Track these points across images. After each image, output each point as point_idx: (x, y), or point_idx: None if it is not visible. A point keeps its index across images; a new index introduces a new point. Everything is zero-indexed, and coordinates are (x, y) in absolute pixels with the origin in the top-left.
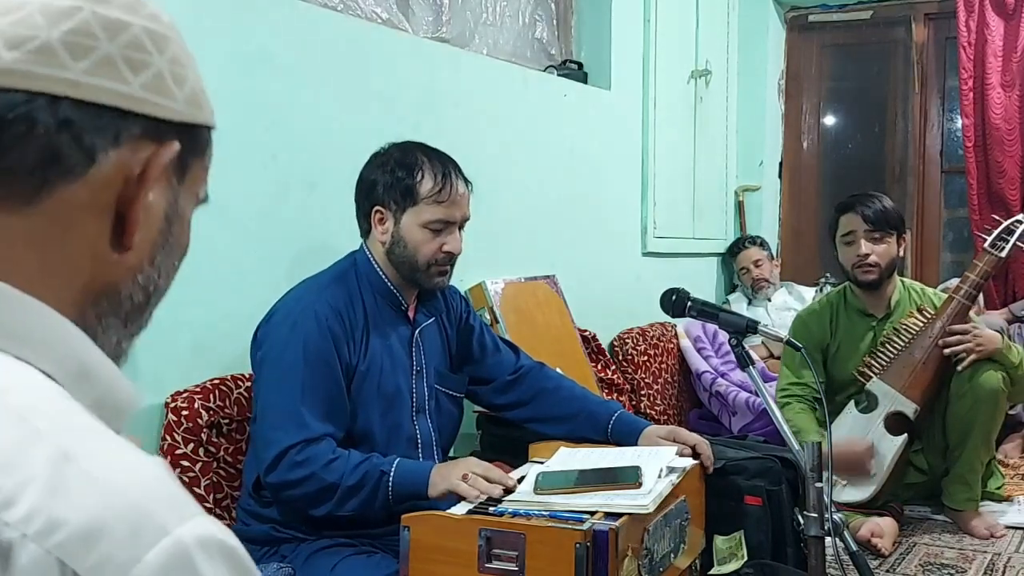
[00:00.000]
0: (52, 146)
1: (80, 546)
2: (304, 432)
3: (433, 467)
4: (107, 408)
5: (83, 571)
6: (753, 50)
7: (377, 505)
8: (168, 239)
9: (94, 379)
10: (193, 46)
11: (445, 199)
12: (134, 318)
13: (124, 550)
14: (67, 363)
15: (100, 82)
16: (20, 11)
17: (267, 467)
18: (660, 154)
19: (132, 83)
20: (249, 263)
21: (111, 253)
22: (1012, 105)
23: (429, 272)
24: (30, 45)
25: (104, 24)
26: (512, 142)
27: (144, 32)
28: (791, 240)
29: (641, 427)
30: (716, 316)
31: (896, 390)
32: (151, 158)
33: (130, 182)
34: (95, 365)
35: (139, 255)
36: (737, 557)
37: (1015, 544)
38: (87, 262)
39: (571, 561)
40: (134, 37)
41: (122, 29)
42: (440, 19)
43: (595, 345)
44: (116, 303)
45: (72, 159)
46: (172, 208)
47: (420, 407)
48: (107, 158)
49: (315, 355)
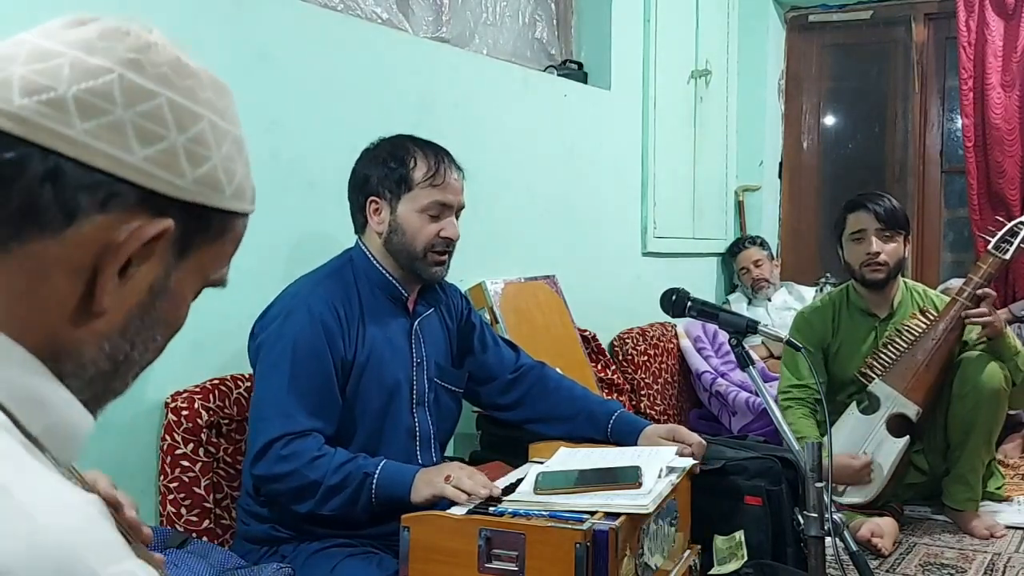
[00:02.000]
0: (32, 198)
1: None
2: (290, 425)
3: (417, 472)
4: (58, 437)
5: None
6: (753, 50)
7: (359, 507)
8: (149, 312)
9: (46, 406)
10: (193, 46)
11: (440, 182)
12: (99, 384)
13: None
14: (16, 389)
15: (99, 146)
16: (51, 61)
17: (253, 458)
18: (660, 154)
19: (136, 153)
20: (249, 263)
21: (79, 314)
22: (1012, 105)
23: (427, 259)
24: (43, 96)
25: (128, 90)
26: (512, 142)
27: (169, 106)
28: (791, 240)
29: (641, 427)
30: (716, 316)
31: (898, 392)
32: (136, 230)
33: (110, 247)
34: (47, 392)
35: (109, 323)
36: (737, 557)
37: (1015, 544)
38: (52, 316)
39: (571, 561)
40: (155, 109)
41: (146, 99)
42: (440, 19)
43: (595, 345)
44: (79, 367)
45: (49, 215)
46: (160, 283)
47: (420, 399)
48: (89, 220)
49: (305, 349)
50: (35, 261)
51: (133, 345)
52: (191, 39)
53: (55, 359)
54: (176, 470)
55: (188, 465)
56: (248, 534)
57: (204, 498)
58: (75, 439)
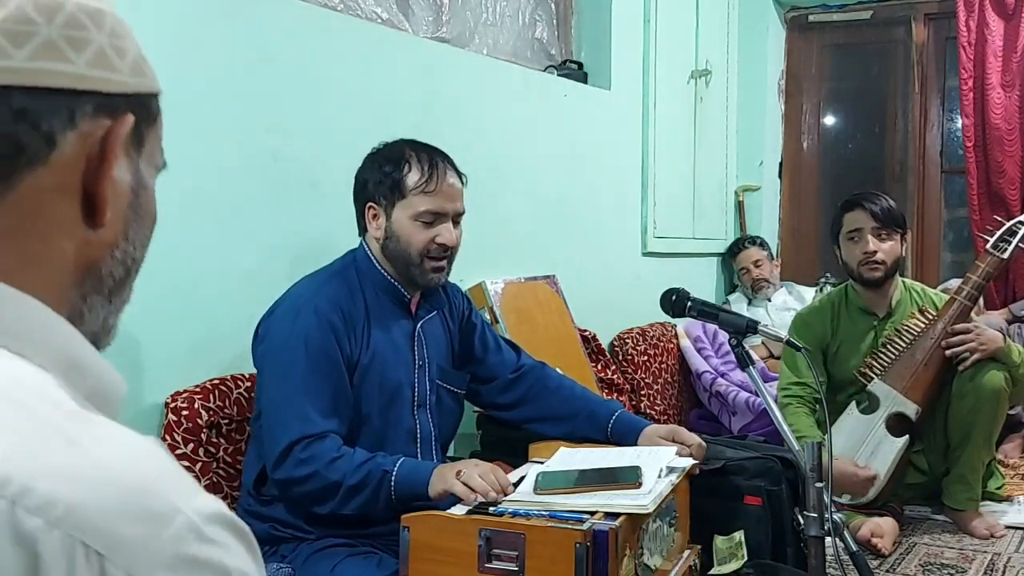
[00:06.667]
0: (12, 136)
1: (99, 527)
2: (308, 427)
3: (435, 467)
4: (99, 397)
5: (105, 550)
6: (753, 50)
7: (380, 505)
8: (138, 211)
9: (85, 371)
10: (193, 46)
11: (433, 190)
12: (117, 292)
13: (141, 529)
14: (59, 356)
15: (45, 65)
16: None
17: (273, 463)
18: (660, 154)
19: (76, 62)
20: (249, 263)
21: (87, 232)
22: (1012, 105)
23: (423, 266)
24: None
25: (38, 7)
26: (512, 142)
27: (79, 9)
28: (791, 240)
29: (641, 427)
30: (716, 316)
31: (897, 391)
32: (108, 134)
33: (92, 160)
34: (85, 357)
35: (113, 231)
36: (737, 557)
37: (1015, 544)
38: (65, 245)
39: (571, 561)
40: (70, 16)
41: (57, 10)
42: (440, 19)
43: (595, 345)
44: (98, 281)
45: (33, 146)
46: (136, 180)
47: (421, 401)
48: (66, 140)
49: (317, 350)
50: (34, 195)
51: (135, 245)
52: (191, 39)
53: (78, 282)
54: None
55: (188, 465)
56: None
57: None
58: (114, 402)
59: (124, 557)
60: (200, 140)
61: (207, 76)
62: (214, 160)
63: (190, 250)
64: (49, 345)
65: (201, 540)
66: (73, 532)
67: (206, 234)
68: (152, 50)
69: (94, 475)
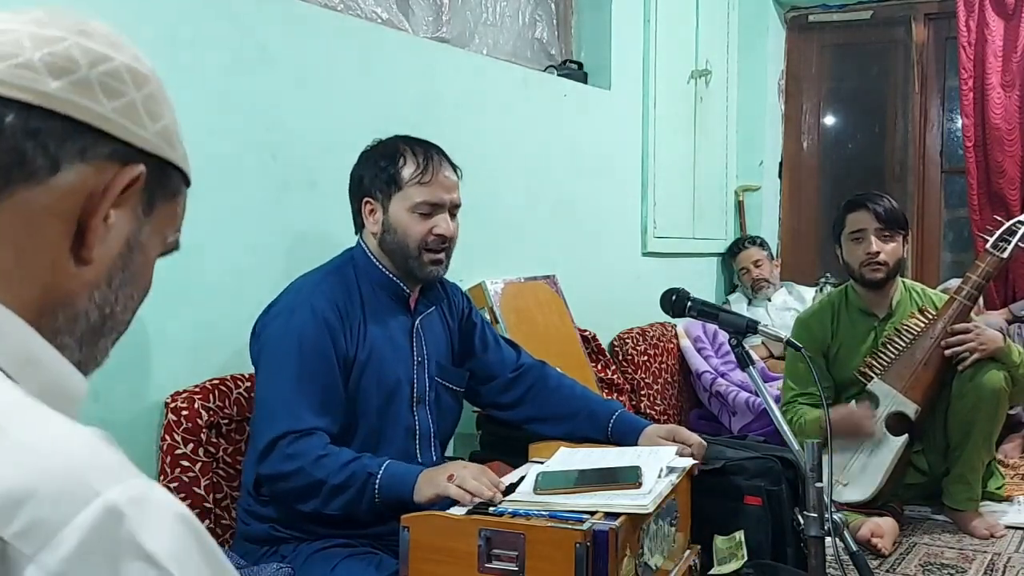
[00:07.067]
0: (18, 149)
1: (6, 512)
2: (296, 423)
3: (421, 472)
4: (54, 395)
5: (9, 536)
6: (753, 50)
7: (363, 506)
8: (128, 265)
9: (39, 365)
10: (194, 46)
11: (428, 180)
12: (89, 341)
13: (52, 513)
14: (10, 350)
15: (72, 98)
16: (8, 35)
17: (259, 456)
18: (660, 154)
19: (104, 105)
20: (249, 263)
21: (70, 263)
22: (1012, 105)
23: (422, 258)
24: (12, 60)
25: (86, 53)
26: (512, 142)
27: (124, 67)
28: (791, 240)
29: (641, 426)
30: (716, 316)
31: (897, 390)
32: (115, 176)
33: (95, 197)
34: (40, 353)
35: (97, 272)
36: (737, 557)
37: (1015, 544)
38: (46, 266)
39: (571, 561)
40: (114, 68)
41: (103, 60)
42: (440, 19)
43: (595, 345)
44: (71, 318)
45: (35, 164)
46: (134, 237)
47: (420, 398)
48: (72, 169)
49: (310, 347)
50: (26, 210)
51: (117, 298)
52: (191, 39)
53: (51, 310)
54: (176, 470)
55: (188, 465)
56: (248, 534)
57: (204, 498)
58: (71, 399)
59: (31, 542)
60: (200, 140)
61: (207, 76)
62: (214, 159)
63: (190, 250)
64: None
65: (118, 523)
66: None
67: (206, 233)
68: (153, 50)
69: (13, 459)
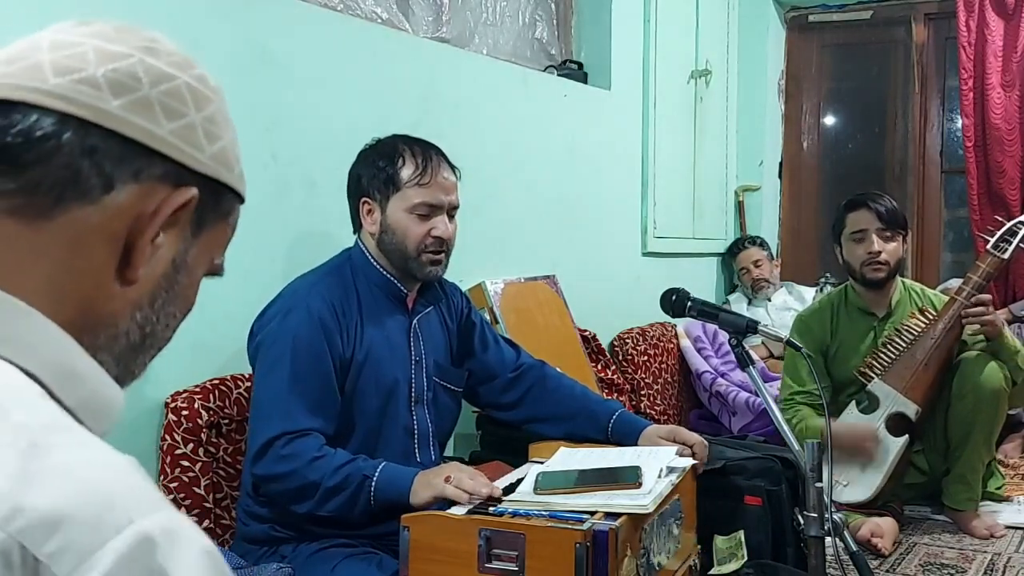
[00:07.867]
0: (73, 167)
1: (42, 532)
2: (290, 424)
3: (416, 475)
4: (92, 410)
5: (43, 556)
6: (753, 50)
7: (358, 509)
8: (173, 286)
9: (79, 380)
10: (194, 46)
11: (427, 181)
12: (128, 359)
13: (86, 537)
14: (52, 364)
15: (131, 118)
16: (74, 49)
17: (253, 457)
18: (660, 154)
19: (163, 126)
20: (249, 263)
21: (114, 283)
22: (1012, 105)
23: (420, 260)
24: (76, 75)
25: (149, 71)
26: (512, 142)
27: (186, 87)
28: (791, 240)
29: (641, 427)
30: (716, 316)
31: (897, 391)
32: (167, 198)
33: (144, 219)
34: (81, 367)
35: (140, 292)
36: (737, 557)
37: (1015, 544)
38: (90, 285)
39: (571, 561)
40: (175, 88)
41: (166, 79)
42: (440, 19)
43: (595, 345)
44: (112, 337)
45: (90, 182)
46: (181, 257)
47: (418, 397)
48: (124, 189)
49: (305, 348)
50: (76, 228)
51: (159, 318)
52: (191, 39)
53: (92, 329)
54: (176, 470)
55: (188, 465)
56: (248, 534)
57: (204, 498)
58: (108, 413)
59: (64, 564)
60: None
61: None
62: None
63: None
64: (40, 352)
65: (151, 552)
66: (15, 534)
67: None
68: None
69: (51, 481)
